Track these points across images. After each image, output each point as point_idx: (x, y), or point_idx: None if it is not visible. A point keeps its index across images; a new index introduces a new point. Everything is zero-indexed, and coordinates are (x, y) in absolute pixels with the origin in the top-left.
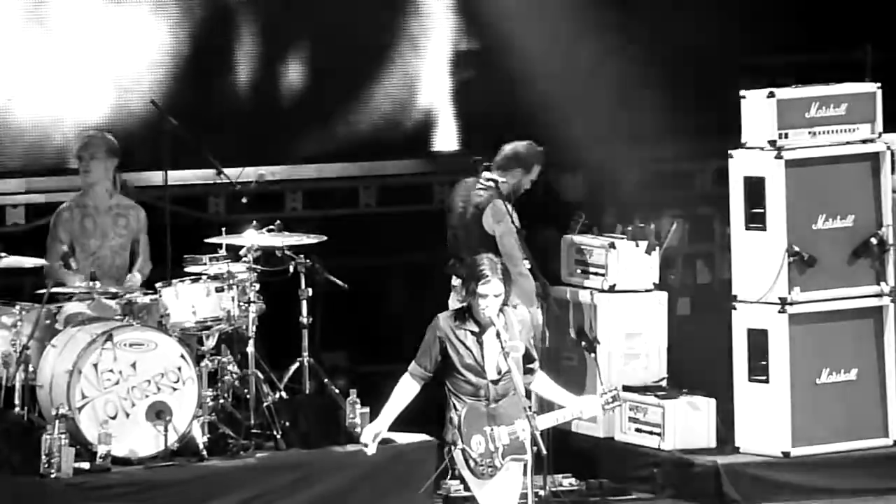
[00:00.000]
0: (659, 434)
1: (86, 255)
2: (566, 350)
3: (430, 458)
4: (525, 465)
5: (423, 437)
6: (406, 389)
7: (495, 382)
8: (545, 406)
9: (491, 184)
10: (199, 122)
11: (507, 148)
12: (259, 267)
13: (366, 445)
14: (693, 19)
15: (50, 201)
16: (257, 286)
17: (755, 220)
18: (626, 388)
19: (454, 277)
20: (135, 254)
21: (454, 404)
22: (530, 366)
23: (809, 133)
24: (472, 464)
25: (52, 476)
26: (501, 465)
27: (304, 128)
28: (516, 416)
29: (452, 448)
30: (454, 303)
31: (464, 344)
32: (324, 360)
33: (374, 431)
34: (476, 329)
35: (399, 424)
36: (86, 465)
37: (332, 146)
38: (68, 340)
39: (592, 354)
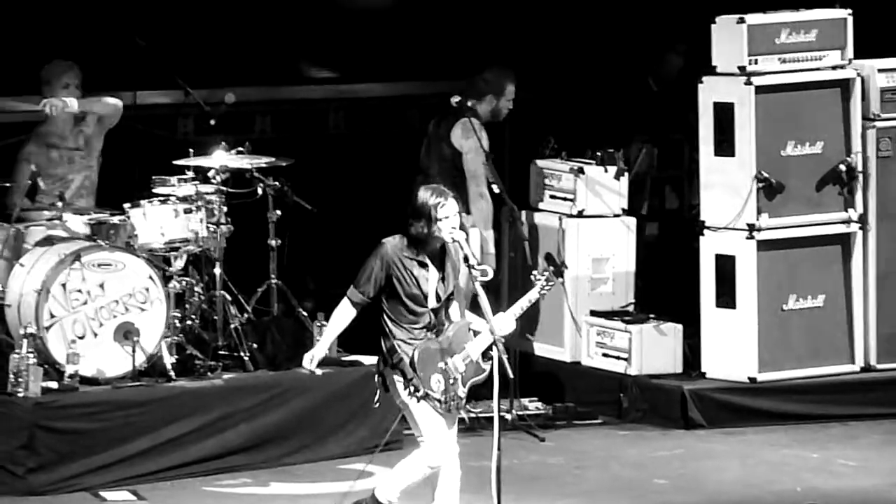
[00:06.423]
0: (626, 359)
1: (53, 181)
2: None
3: None
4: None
5: None
6: (344, 314)
7: (436, 311)
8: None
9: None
10: (167, 42)
11: (477, 78)
12: (227, 189)
13: (311, 372)
14: None
15: (14, 121)
16: (225, 208)
17: (724, 145)
18: (593, 314)
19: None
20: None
21: (390, 331)
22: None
23: (779, 59)
24: (436, 405)
25: (20, 395)
26: (465, 394)
27: (274, 50)
28: (465, 342)
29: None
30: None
31: (410, 272)
32: (291, 283)
33: (312, 356)
34: (423, 259)
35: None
36: (54, 385)
37: (300, 69)
38: (37, 260)
39: (560, 279)
